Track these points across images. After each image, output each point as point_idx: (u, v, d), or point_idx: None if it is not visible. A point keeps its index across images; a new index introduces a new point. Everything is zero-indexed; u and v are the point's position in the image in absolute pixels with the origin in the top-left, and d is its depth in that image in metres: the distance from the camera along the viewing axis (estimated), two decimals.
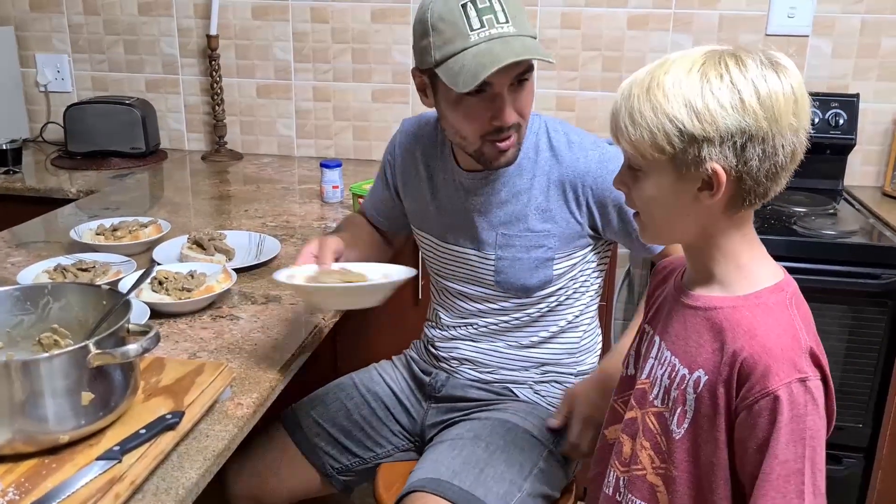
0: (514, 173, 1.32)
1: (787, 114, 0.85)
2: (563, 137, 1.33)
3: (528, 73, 1.21)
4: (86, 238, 1.69)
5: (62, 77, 2.72)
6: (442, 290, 1.48)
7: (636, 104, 0.88)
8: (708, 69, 0.85)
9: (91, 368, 0.94)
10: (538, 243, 1.32)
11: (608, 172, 1.26)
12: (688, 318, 0.97)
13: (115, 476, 0.90)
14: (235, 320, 1.39)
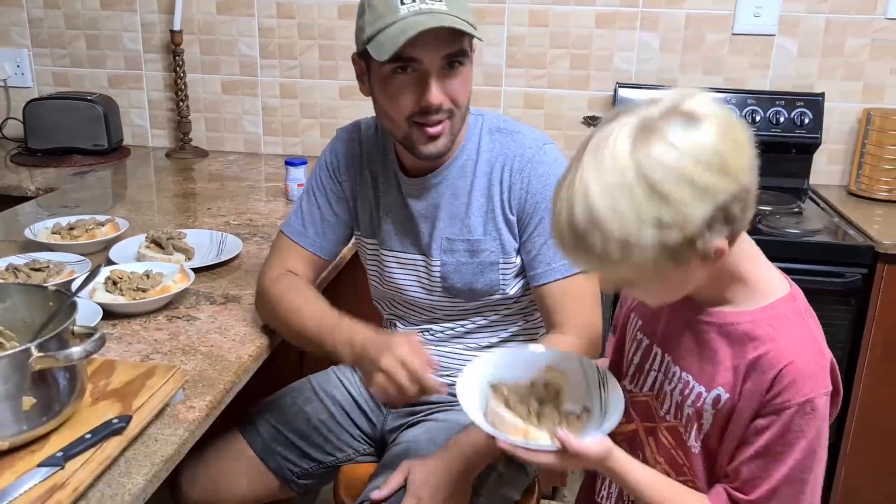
0: (456, 176, 1.30)
1: (737, 158, 0.81)
2: (505, 136, 1.30)
3: (462, 59, 1.18)
4: (41, 237, 1.65)
5: (22, 72, 2.65)
6: (391, 300, 1.45)
7: (600, 246, 0.80)
8: (643, 174, 0.78)
9: (33, 372, 0.91)
10: (481, 247, 1.30)
11: (542, 174, 1.26)
12: (702, 335, 0.94)
13: (57, 483, 0.87)
14: (192, 321, 1.36)
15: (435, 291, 1.36)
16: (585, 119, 2.43)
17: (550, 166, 1.26)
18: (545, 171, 1.26)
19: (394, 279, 1.39)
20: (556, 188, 0.85)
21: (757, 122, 2.26)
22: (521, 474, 1.36)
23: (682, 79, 2.35)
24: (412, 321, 1.43)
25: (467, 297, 1.34)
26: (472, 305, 1.36)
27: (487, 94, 2.44)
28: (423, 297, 1.38)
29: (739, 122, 0.84)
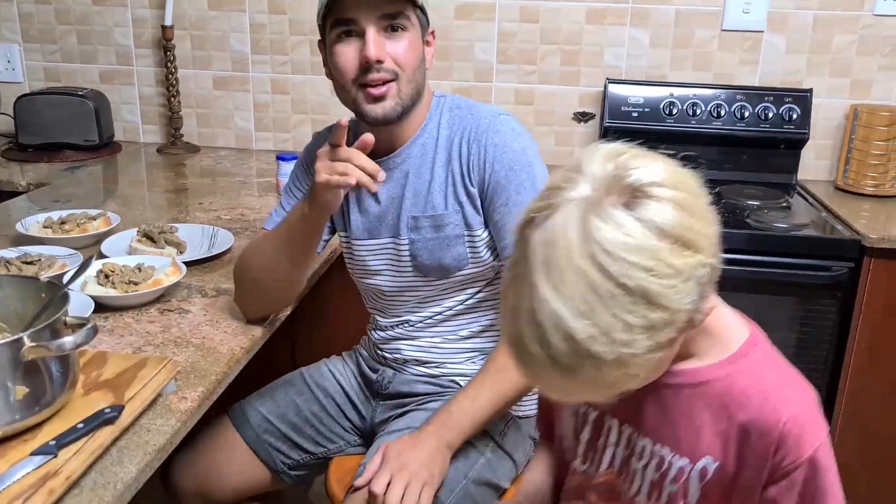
0: (417, 154, 1.32)
1: (704, 223, 0.72)
2: (463, 111, 1.32)
3: (401, 22, 1.21)
4: (32, 231, 1.65)
5: (12, 67, 2.65)
6: (369, 292, 1.46)
7: (592, 374, 0.70)
8: (614, 279, 0.67)
9: (25, 362, 0.92)
10: (445, 221, 1.30)
11: (497, 143, 1.26)
12: (670, 400, 0.84)
13: (50, 471, 0.88)
14: (184, 314, 1.37)
15: (406, 273, 1.36)
16: (576, 115, 2.44)
17: (506, 135, 1.27)
18: (500, 141, 1.26)
19: (367, 268, 1.40)
20: (511, 316, 0.72)
21: (746, 118, 2.27)
22: (508, 462, 1.37)
23: (671, 74, 2.37)
24: (390, 313, 1.43)
25: (438, 275, 1.34)
26: (444, 285, 1.36)
27: (479, 89, 2.45)
28: (395, 283, 1.38)
29: (690, 177, 0.75)
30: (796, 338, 1.96)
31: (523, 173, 1.25)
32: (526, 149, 1.27)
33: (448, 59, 2.44)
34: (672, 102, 2.29)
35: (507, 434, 1.38)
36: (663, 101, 2.30)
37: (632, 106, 2.31)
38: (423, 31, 1.27)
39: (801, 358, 1.96)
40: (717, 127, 2.29)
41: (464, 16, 2.40)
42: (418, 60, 1.25)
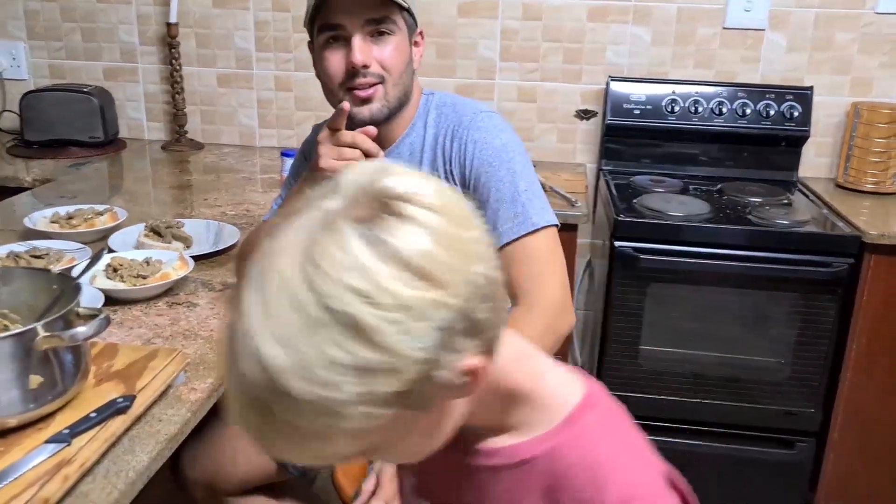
0: (406, 153, 1.32)
1: (456, 255, 0.56)
2: (447, 109, 1.32)
3: (388, 26, 1.22)
4: (40, 226, 1.66)
5: (18, 64, 2.66)
6: None
7: (293, 420, 0.54)
8: (325, 304, 0.52)
9: (39, 352, 0.93)
10: None
11: (476, 139, 1.26)
12: (490, 485, 0.69)
13: (64, 459, 0.89)
14: (192, 307, 1.38)
15: None
16: (578, 112, 2.46)
17: (487, 132, 1.26)
18: (480, 137, 1.26)
19: None
20: (223, 332, 0.58)
21: (747, 115, 2.29)
22: None
23: (673, 72, 2.38)
24: None
25: None
26: None
27: (481, 87, 2.47)
28: None
29: (460, 204, 0.60)
30: (796, 334, 1.98)
31: (502, 169, 1.24)
32: (507, 145, 1.26)
33: (451, 56, 2.45)
34: (674, 100, 2.31)
35: None
36: (665, 98, 2.31)
37: (634, 103, 2.33)
38: (411, 32, 1.28)
39: (802, 352, 1.98)
40: (719, 124, 2.30)
41: (467, 13, 2.41)
42: (405, 63, 1.26)
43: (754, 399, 2.03)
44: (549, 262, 1.22)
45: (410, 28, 1.27)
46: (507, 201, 1.22)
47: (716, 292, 2.00)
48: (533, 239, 1.21)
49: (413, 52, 1.29)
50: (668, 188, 2.22)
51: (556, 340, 1.20)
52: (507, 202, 1.22)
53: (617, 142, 2.38)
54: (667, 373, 2.06)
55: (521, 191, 1.22)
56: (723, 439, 2.07)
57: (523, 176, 1.24)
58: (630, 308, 2.02)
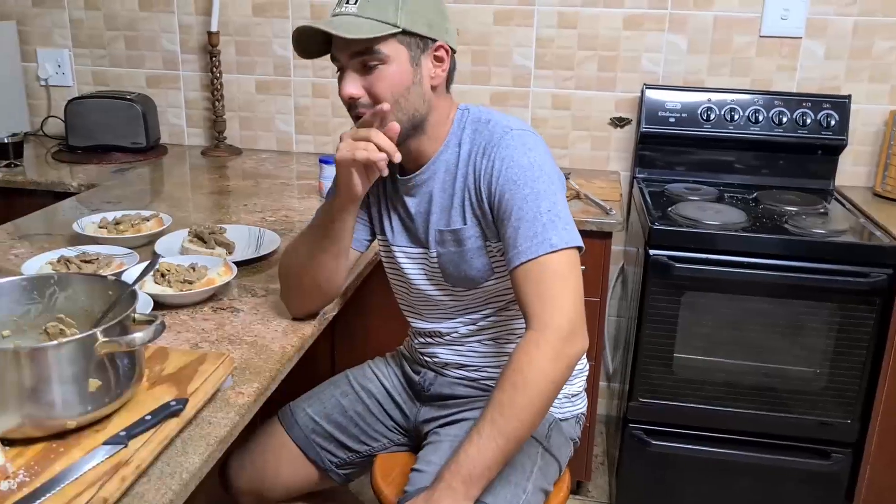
0: (441, 170, 1.33)
1: None
2: (481, 125, 1.31)
3: (373, 56, 1.20)
4: (88, 231, 1.71)
5: (63, 72, 2.74)
6: (406, 296, 1.48)
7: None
8: None
9: (98, 356, 0.97)
10: (463, 235, 1.32)
11: (503, 157, 1.25)
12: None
13: (122, 460, 0.93)
14: (236, 312, 1.42)
15: (439, 283, 1.39)
16: (612, 120, 2.47)
17: (514, 150, 1.25)
18: (507, 155, 1.25)
19: (404, 273, 1.43)
20: None
21: (783, 124, 2.28)
22: (555, 466, 1.40)
23: (709, 80, 2.38)
24: (428, 319, 1.46)
25: (466, 285, 1.36)
26: (475, 295, 1.38)
27: (516, 94, 2.49)
28: (431, 290, 1.41)
29: None
30: (833, 344, 1.97)
31: (526, 188, 1.22)
32: (533, 164, 1.24)
33: (486, 64, 2.48)
34: (710, 108, 2.31)
35: (551, 436, 1.40)
36: (701, 106, 2.31)
37: (669, 111, 2.33)
38: (419, 51, 1.24)
39: (840, 363, 1.97)
40: (755, 132, 2.30)
41: (502, 21, 2.44)
42: (402, 89, 1.23)
43: (789, 409, 2.03)
44: (564, 285, 1.19)
45: (416, 47, 1.24)
46: (528, 220, 1.21)
47: (751, 301, 2.00)
48: (549, 260, 1.19)
49: (425, 71, 1.25)
50: (703, 196, 2.22)
51: (567, 365, 1.18)
52: (527, 221, 1.21)
53: (651, 149, 2.38)
54: (701, 381, 2.06)
55: (542, 211, 1.21)
56: (757, 449, 2.07)
57: (547, 196, 1.22)
58: (664, 316, 2.02)
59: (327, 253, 1.34)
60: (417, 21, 1.22)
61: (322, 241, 1.34)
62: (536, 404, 1.16)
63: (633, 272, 2.24)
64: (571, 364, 1.18)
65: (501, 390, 1.17)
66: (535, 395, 1.16)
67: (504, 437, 1.16)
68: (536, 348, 1.16)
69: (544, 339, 1.17)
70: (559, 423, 1.44)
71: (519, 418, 1.16)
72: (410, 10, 1.21)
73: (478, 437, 1.17)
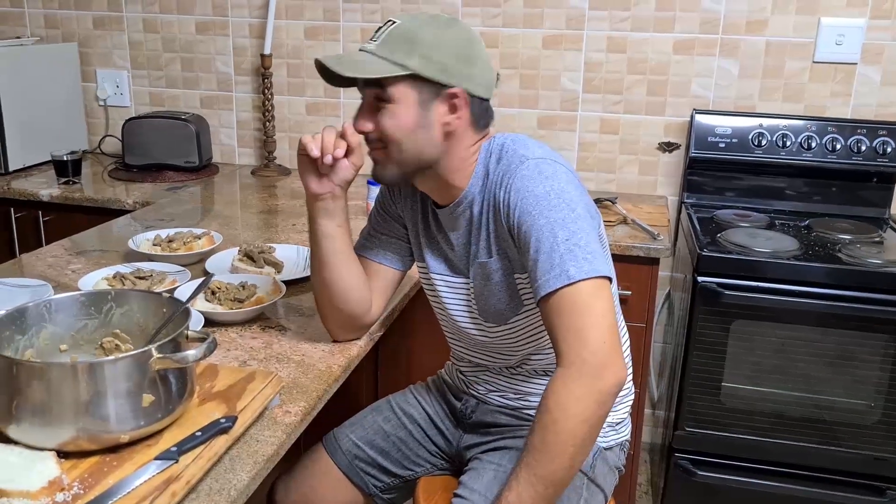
0: (472, 203, 1.31)
1: None
2: (502, 155, 1.28)
3: (385, 92, 1.21)
4: (143, 248, 1.75)
5: (121, 92, 2.82)
6: (446, 327, 1.47)
7: None
8: None
9: (152, 372, 0.99)
10: (490, 268, 1.30)
11: (518, 188, 1.22)
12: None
13: (172, 475, 0.94)
14: (284, 331, 1.44)
15: (475, 317, 1.38)
16: (661, 145, 2.45)
17: (529, 180, 1.21)
18: (522, 185, 1.21)
19: (444, 302, 1.42)
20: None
21: (837, 151, 2.24)
22: (600, 496, 1.39)
23: (760, 105, 2.36)
24: (470, 349, 1.45)
25: (496, 320, 1.34)
26: (510, 330, 1.35)
27: (564, 118, 2.49)
28: (468, 324, 1.40)
29: None
30: (888, 377, 1.91)
31: (542, 218, 1.18)
32: (550, 193, 1.19)
33: (534, 87, 2.48)
34: (761, 133, 2.28)
35: (595, 466, 1.39)
36: (752, 131, 2.29)
37: (719, 136, 2.31)
38: (431, 95, 1.22)
39: (892, 397, 1.91)
40: (808, 159, 2.26)
41: (551, 45, 2.44)
42: (408, 128, 1.23)
43: (841, 442, 1.97)
44: (587, 317, 1.13)
45: (427, 91, 1.22)
46: (545, 251, 1.16)
47: (802, 331, 1.96)
48: (570, 292, 1.14)
49: (436, 116, 1.23)
50: (753, 223, 2.18)
51: (598, 401, 1.11)
52: (544, 252, 1.16)
53: (700, 175, 2.36)
54: (749, 411, 2.01)
55: (559, 241, 1.15)
56: (807, 483, 2.01)
57: (564, 225, 1.16)
58: (712, 344, 1.99)
59: (322, 275, 1.35)
60: (430, 66, 1.20)
61: (315, 263, 1.36)
62: (571, 446, 1.11)
63: (681, 298, 2.21)
64: (604, 400, 1.12)
65: (533, 432, 1.14)
66: (567, 436, 1.11)
67: (542, 483, 1.13)
68: (563, 386, 1.12)
69: (571, 375, 1.12)
70: (603, 451, 1.42)
71: (553, 462, 1.12)
72: (425, 55, 1.20)
73: (516, 483, 1.14)
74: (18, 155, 2.55)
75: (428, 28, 1.21)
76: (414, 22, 1.22)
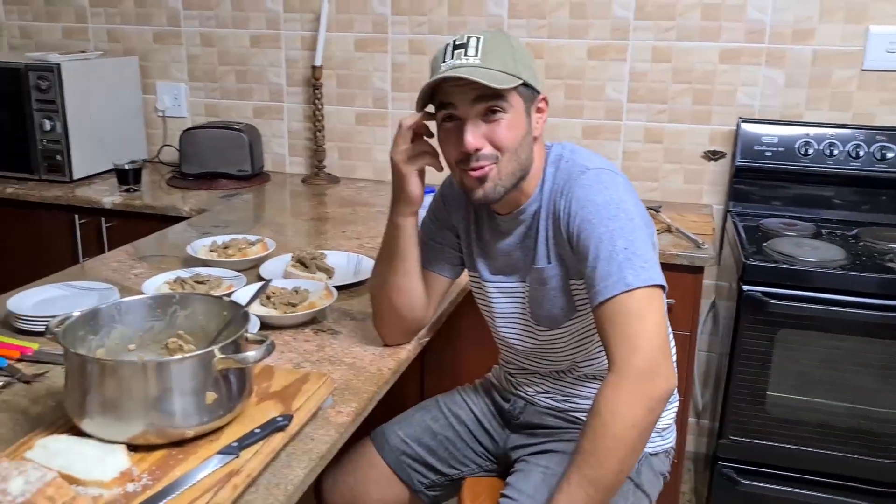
0: (532, 211, 1.34)
1: None
2: (563, 164, 1.32)
3: (499, 104, 1.22)
4: (200, 254, 1.83)
5: (179, 103, 2.93)
6: (497, 333, 1.51)
7: None
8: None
9: (215, 372, 1.05)
10: (546, 275, 1.33)
11: (579, 197, 1.25)
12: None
13: (234, 469, 1.00)
14: (335, 335, 1.49)
15: (527, 320, 1.41)
16: (706, 153, 2.46)
17: (589, 189, 1.25)
18: (583, 195, 1.25)
19: (495, 308, 1.45)
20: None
21: (887, 159, 2.22)
22: (645, 501, 1.42)
23: (807, 114, 2.35)
24: (519, 353, 1.48)
25: (549, 324, 1.38)
26: (561, 335, 1.39)
27: (608, 127, 2.51)
28: (519, 326, 1.43)
29: None
30: None
31: (601, 226, 1.21)
32: (609, 202, 1.23)
33: (579, 98, 2.51)
34: (808, 142, 2.27)
35: (641, 472, 1.41)
36: (799, 140, 2.28)
37: (765, 145, 2.30)
38: (530, 102, 1.27)
39: None
40: (856, 168, 2.25)
41: (596, 56, 2.47)
42: (520, 137, 1.26)
43: (889, 453, 1.95)
44: (641, 324, 1.15)
45: (528, 99, 1.26)
46: (603, 259, 1.19)
47: (849, 340, 1.95)
48: (626, 299, 1.16)
49: (533, 121, 1.28)
50: (799, 232, 2.18)
51: (648, 408, 1.14)
52: (602, 260, 1.19)
53: (746, 183, 2.36)
54: (795, 421, 2.01)
55: (618, 249, 1.19)
56: (853, 494, 2.00)
57: (623, 234, 1.20)
58: (757, 353, 1.99)
59: (397, 272, 1.40)
60: (529, 74, 1.25)
61: (390, 260, 1.41)
62: (621, 450, 1.14)
63: (726, 307, 2.21)
64: (654, 406, 1.15)
65: (584, 436, 1.16)
66: (617, 440, 1.13)
67: (593, 486, 1.15)
68: (614, 391, 1.14)
69: (621, 381, 1.14)
70: (649, 457, 1.44)
71: (604, 466, 1.14)
72: (524, 64, 1.24)
73: (567, 486, 1.17)
74: (82, 164, 2.67)
75: (510, 40, 1.25)
76: (496, 35, 1.25)
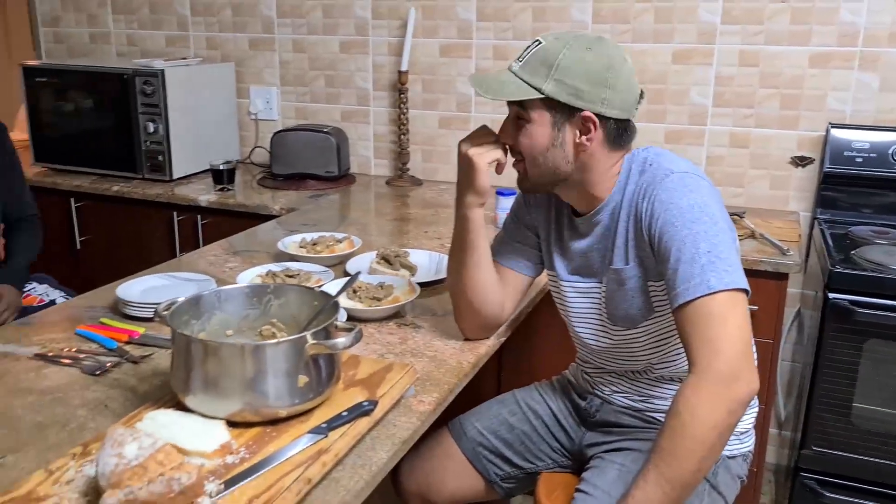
0: (611, 212, 1.36)
1: None
2: (647, 167, 1.33)
3: (525, 112, 1.30)
4: (290, 249, 1.92)
5: (271, 107, 3.06)
6: (574, 332, 1.53)
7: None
8: None
9: (307, 356, 1.11)
10: (624, 276, 1.34)
11: (663, 199, 1.26)
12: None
13: (323, 448, 1.06)
14: (417, 329, 1.54)
15: (603, 320, 1.43)
16: (793, 159, 2.41)
17: (673, 192, 1.26)
18: (666, 197, 1.26)
19: (572, 307, 1.48)
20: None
21: None
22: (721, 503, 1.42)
23: None
24: (596, 352, 1.50)
25: (625, 324, 1.39)
26: (637, 335, 1.39)
27: (691, 132, 2.50)
28: (596, 327, 1.45)
29: None
30: None
31: (685, 229, 1.22)
32: (693, 206, 1.23)
33: (662, 102, 2.51)
34: None
35: (718, 474, 1.41)
36: (892, 146, 2.22)
37: (856, 151, 2.25)
38: (563, 118, 1.29)
39: None
40: None
41: (681, 60, 2.46)
42: (543, 147, 1.31)
43: None
44: (723, 327, 1.16)
45: (558, 114, 1.29)
46: (686, 262, 1.20)
47: None
48: (708, 302, 1.17)
49: (569, 137, 1.30)
50: (891, 240, 2.12)
51: (728, 410, 1.14)
52: (685, 262, 1.20)
53: (835, 190, 2.31)
54: (882, 434, 1.95)
55: (701, 252, 1.19)
56: None
57: (707, 237, 1.20)
58: (843, 363, 1.94)
59: (468, 265, 1.46)
60: (562, 91, 1.26)
61: (461, 253, 1.47)
62: (699, 451, 1.14)
63: (811, 316, 2.17)
64: (734, 409, 1.15)
65: (663, 435, 1.18)
66: (696, 441, 1.14)
67: (670, 485, 1.16)
68: (695, 392, 1.15)
69: (702, 383, 1.15)
70: (727, 460, 1.44)
71: (681, 465, 1.15)
72: (559, 79, 1.26)
73: (644, 483, 1.18)
74: (181, 164, 2.82)
75: (569, 51, 1.27)
76: (557, 44, 1.28)
